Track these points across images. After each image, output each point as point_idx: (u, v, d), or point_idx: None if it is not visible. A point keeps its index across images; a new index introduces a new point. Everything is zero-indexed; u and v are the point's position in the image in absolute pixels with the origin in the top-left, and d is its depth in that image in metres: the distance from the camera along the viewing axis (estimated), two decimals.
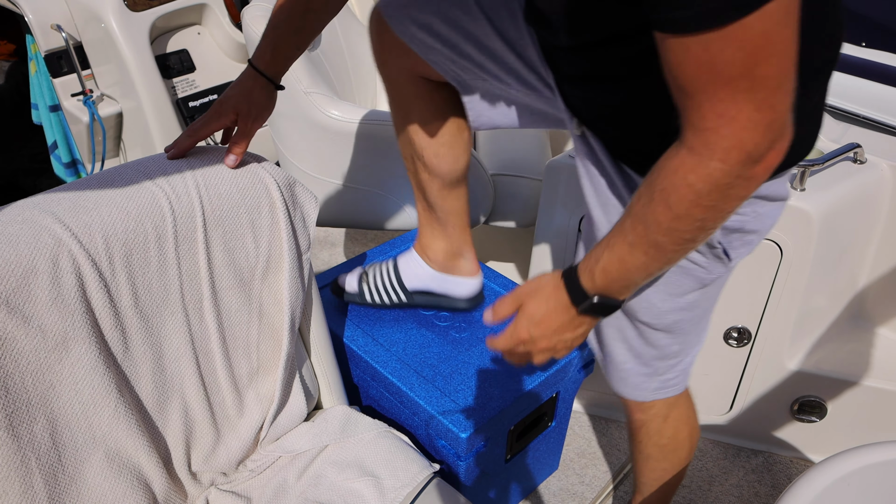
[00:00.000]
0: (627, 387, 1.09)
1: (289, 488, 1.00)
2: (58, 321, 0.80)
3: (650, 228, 0.69)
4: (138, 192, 0.88)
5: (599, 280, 0.75)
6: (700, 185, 0.64)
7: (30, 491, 0.80)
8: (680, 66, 0.60)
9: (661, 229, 0.68)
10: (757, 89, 0.59)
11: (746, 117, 0.60)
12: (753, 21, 0.55)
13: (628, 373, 1.06)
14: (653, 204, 0.68)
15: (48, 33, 1.98)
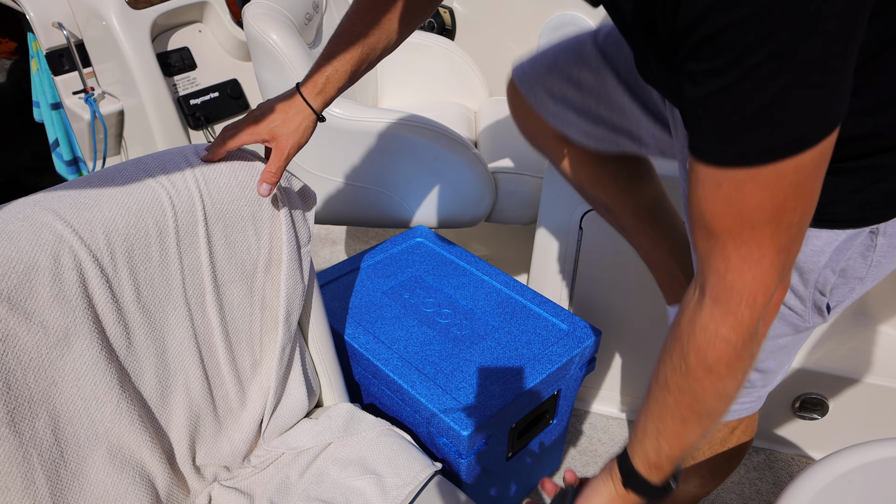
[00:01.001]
0: None
1: (291, 485, 1.01)
2: (60, 317, 0.80)
3: (698, 398, 0.66)
4: (139, 188, 0.88)
5: (669, 468, 0.72)
6: (735, 336, 0.62)
7: (32, 487, 0.80)
8: (709, 202, 0.59)
9: (709, 394, 0.65)
10: (780, 234, 0.58)
11: (769, 261, 0.59)
12: (788, 170, 0.55)
13: None
14: (691, 371, 0.65)
15: (49, 31, 1.98)
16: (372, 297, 1.39)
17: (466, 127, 2.01)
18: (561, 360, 1.25)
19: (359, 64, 0.98)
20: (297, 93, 0.95)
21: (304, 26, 1.69)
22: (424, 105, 2.08)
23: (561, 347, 1.28)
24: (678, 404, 0.67)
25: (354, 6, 0.97)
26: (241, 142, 0.94)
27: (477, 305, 1.37)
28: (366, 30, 0.96)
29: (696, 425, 0.68)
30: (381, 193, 1.67)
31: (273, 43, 1.50)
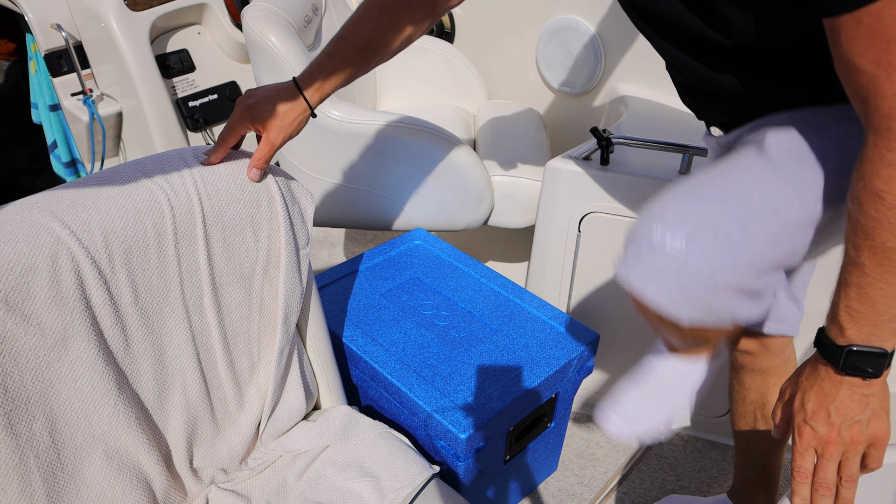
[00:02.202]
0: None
1: (289, 488, 1.00)
2: (57, 319, 0.80)
3: (872, 235, 0.64)
4: (137, 190, 0.88)
5: (848, 324, 0.68)
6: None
7: (28, 489, 0.80)
8: (853, 43, 0.62)
9: (884, 228, 0.64)
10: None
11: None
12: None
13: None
14: (864, 206, 0.64)
15: (48, 32, 1.98)
16: (370, 300, 1.39)
17: (465, 130, 2.01)
18: (559, 363, 1.25)
19: (358, 66, 0.99)
20: (294, 87, 0.96)
21: (303, 29, 1.69)
22: (423, 108, 2.09)
23: (559, 350, 1.28)
24: (857, 248, 0.65)
25: (361, 11, 0.98)
26: (237, 135, 0.95)
27: (475, 308, 1.37)
28: (370, 34, 0.98)
29: (878, 270, 0.65)
30: (379, 196, 1.67)
31: (272, 45, 1.50)
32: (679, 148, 1.39)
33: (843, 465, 0.70)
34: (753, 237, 0.79)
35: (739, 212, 0.79)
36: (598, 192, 1.43)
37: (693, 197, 0.82)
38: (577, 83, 2.05)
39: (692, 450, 1.63)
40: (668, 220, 0.81)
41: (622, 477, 1.57)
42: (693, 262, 0.79)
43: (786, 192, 0.79)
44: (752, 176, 0.81)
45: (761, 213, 0.79)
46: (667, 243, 0.79)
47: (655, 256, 0.81)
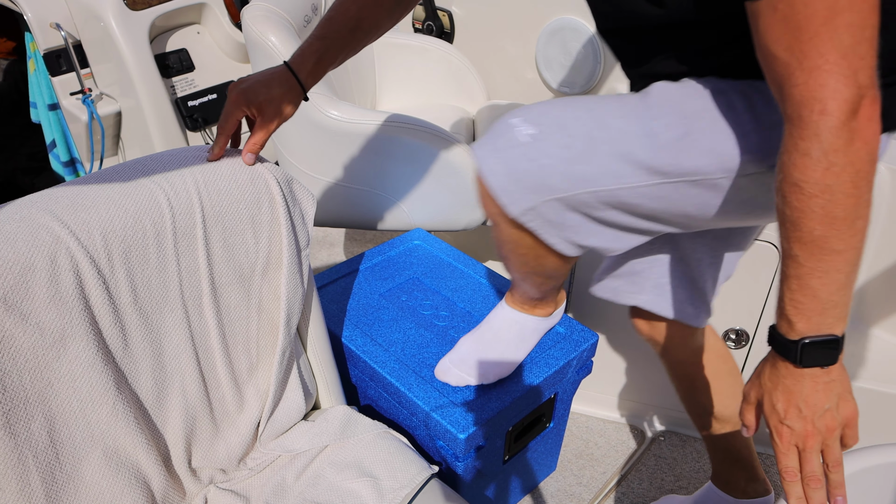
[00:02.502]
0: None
1: (287, 488, 1.00)
2: (56, 318, 0.80)
3: (799, 225, 0.66)
4: (136, 189, 0.88)
5: (796, 318, 0.69)
6: (814, 147, 0.63)
7: (27, 489, 0.80)
8: (769, 29, 0.63)
9: (808, 217, 0.65)
10: (840, 36, 0.61)
11: (833, 63, 0.61)
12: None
13: None
14: (787, 198, 0.65)
15: (47, 32, 1.97)
16: (369, 300, 1.39)
17: (465, 130, 2.01)
18: (558, 364, 1.25)
19: (349, 47, 1.00)
20: (287, 71, 0.97)
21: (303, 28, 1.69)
22: (423, 108, 2.09)
23: (558, 351, 1.28)
24: (788, 239, 0.67)
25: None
26: (234, 121, 0.95)
27: (474, 308, 1.37)
28: (358, 13, 0.98)
29: (811, 259, 0.66)
30: (378, 196, 1.67)
31: (272, 45, 1.50)
32: None
33: (826, 452, 0.71)
34: (594, 155, 0.83)
35: (592, 127, 0.83)
36: None
37: (562, 104, 0.87)
38: (576, 83, 2.05)
39: (691, 450, 1.63)
40: (529, 113, 0.86)
41: (621, 477, 1.57)
42: (532, 152, 0.84)
43: (643, 128, 0.82)
44: (622, 104, 0.84)
45: (611, 136, 0.82)
46: (517, 129, 0.85)
47: (503, 139, 0.86)
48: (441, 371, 1.19)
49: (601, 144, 0.83)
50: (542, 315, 1.23)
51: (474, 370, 1.18)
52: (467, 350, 1.20)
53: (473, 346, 1.20)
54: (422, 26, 2.31)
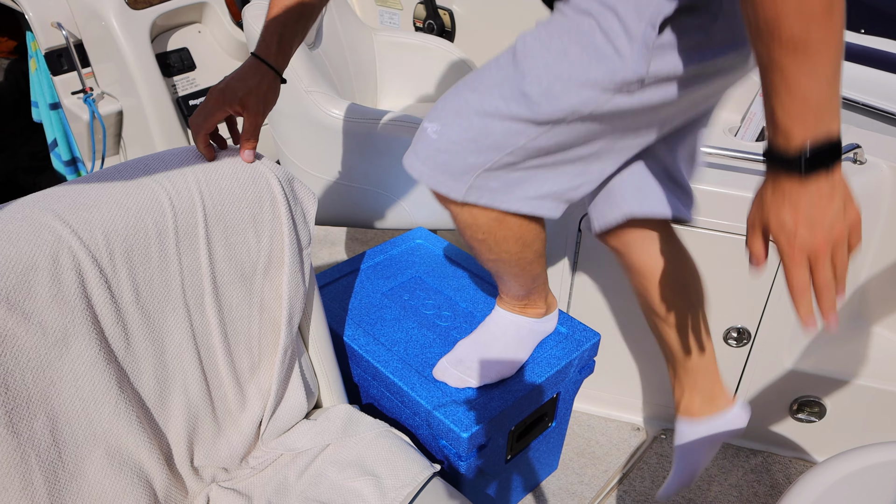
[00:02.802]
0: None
1: (289, 486, 1.00)
2: (58, 318, 0.80)
3: (778, 31, 0.65)
4: (138, 188, 0.88)
5: (792, 127, 0.68)
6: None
7: (29, 488, 0.80)
8: None
9: (785, 18, 0.64)
10: None
11: None
12: None
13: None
14: (759, 6, 0.65)
15: (48, 31, 1.97)
16: (371, 299, 1.39)
17: None
18: (560, 363, 1.25)
19: (305, 13, 1.01)
20: (255, 59, 0.99)
21: None
22: (424, 107, 2.08)
23: (560, 350, 1.28)
24: (766, 47, 0.67)
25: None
26: (214, 121, 0.96)
27: (477, 308, 1.37)
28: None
29: (791, 59, 0.66)
30: (380, 195, 1.67)
31: None
32: None
33: (836, 257, 0.71)
34: (491, 125, 0.90)
35: (480, 104, 0.91)
36: None
37: (454, 93, 0.95)
38: None
39: None
40: (433, 113, 0.96)
41: (622, 475, 1.57)
42: (443, 143, 0.94)
43: (516, 91, 0.88)
44: (497, 71, 0.91)
45: (496, 106, 0.89)
46: (427, 131, 0.95)
47: (421, 142, 0.97)
48: (439, 372, 1.20)
49: (492, 117, 0.90)
50: (535, 316, 1.25)
51: (473, 371, 1.18)
52: (465, 351, 1.20)
53: (471, 348, 1.21)
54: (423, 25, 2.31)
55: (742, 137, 1.51)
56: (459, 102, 0.93)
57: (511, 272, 1.11)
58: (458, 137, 0.93)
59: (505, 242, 1.03)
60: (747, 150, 1.41)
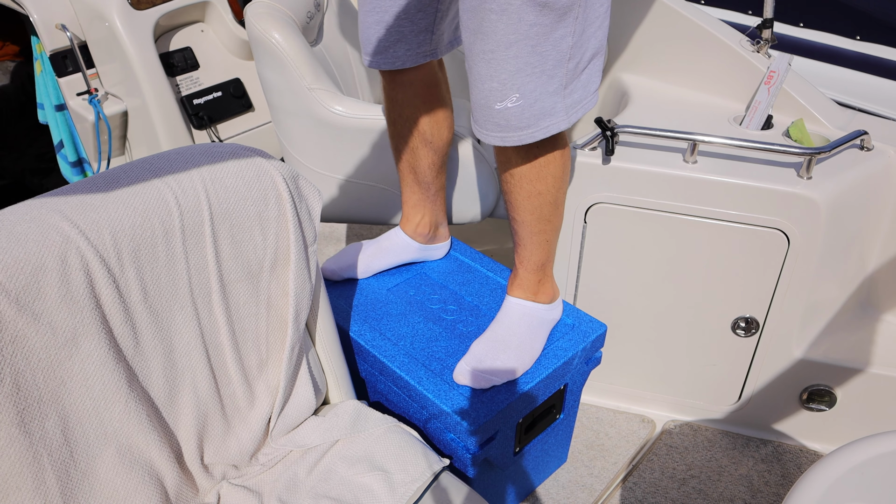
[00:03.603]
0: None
1: (300, 483, 1.01)
2: (67, 318, 0.80)
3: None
4: (144, 188, 0.88)
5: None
6: None
7: (42, 487, 0.81)
8: None
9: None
10: None
11: None
12: None
13: None
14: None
15: (53, 33, 1.98)
16: (377, 294, 1.39)
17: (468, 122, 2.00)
18: (567, 355, 1.25)
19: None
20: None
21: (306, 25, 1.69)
22: None
23: (567, 342, 1.28)
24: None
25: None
26: None
27: (482, 302, 1.37)
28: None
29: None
30: (385, 191, 1.67)
31: (275, 42, 1.50)
32: (684, 135, 1.38)
33: None
34: (544, 52, 1.00)
35: (522, 46, 0.99)
36: (604, 182, 1.42)
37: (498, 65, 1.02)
38: None
39: (702, 439, 1.63)
40: (498, 93, 1.03)
41: (632, 467, 1.57)
42: (528, 97, 1.03)
43: (531, 7, 0.95)
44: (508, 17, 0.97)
45: (536, 33, 0.98)
46: (509, 105, 1.03)
47: (510, 117, 1.05)
48: (461, 375, 1.18)
49: (539, 41, 0.98)
50: (545, 302, 1.27)
51: (495, 369, 1.18)
52: (482, 350, 1.20)
53: (489, 345, 1.21)
54: None
55: (747, 126, 1.50)
56: (509, 63, 0.99)
57: (544, 227, 1.20)
58: (534, 83, 1.00)
59: (564, 175, 1.15)
60: (753, 139, 1.41)
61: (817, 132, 1.46)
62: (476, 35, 0.99)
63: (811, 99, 1.49)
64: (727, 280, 1.43)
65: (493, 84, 1.01)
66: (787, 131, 1.47)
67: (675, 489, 1.51)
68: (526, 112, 1.03)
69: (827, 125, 1.47)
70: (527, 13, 0.94)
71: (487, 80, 1.01)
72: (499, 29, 0.96)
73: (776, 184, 1.32)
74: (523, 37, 0.97)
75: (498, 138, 1.07)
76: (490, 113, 1.04)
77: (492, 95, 1.02)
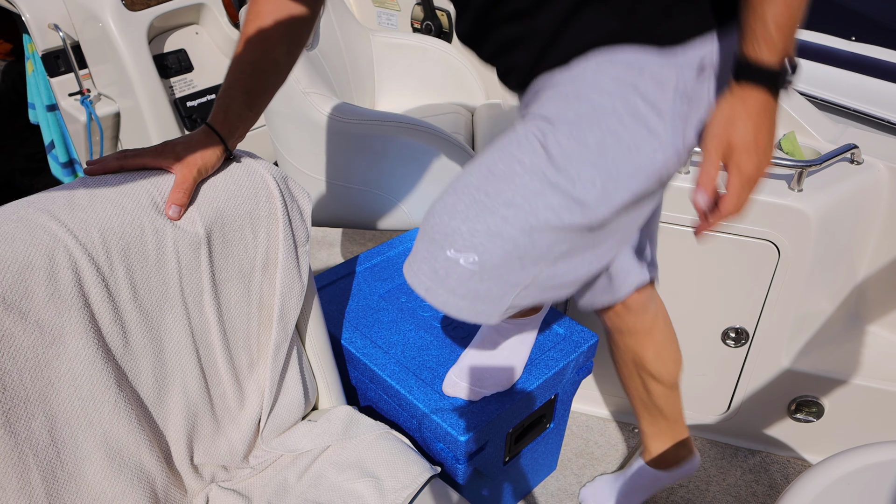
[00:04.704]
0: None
1: (289, 488, 1.00)
2: (55, 317, 0.80)
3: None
4: (134, 188, 0.87)
5: (780, 41, 0.71)
6: None
7: (27, 487, 0.80)
8: None
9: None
10: None
11: None
12: None
13: None
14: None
15: (45, 32, 1.97)
16: (369, 301, 1.39)
17: (464, 129, 2.01)
18: (558, 365, 1.25)
19: (256, 91, 0.96)
20: (205, 126, 0.94)
21: None
22: (422, 107, 2.09)
23: (558, 352, 1.28)
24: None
25: (239, 41, 0.97)
26: (140, 163, 0.89)
27: None
28: (251, 56, 0.95)
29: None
30: (377, 196, 1.67)
31: None
32: None
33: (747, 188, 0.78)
34: (539, 241, 0.84)
35: (523, 218, 0.83)
36: None
37: (478, 209, 0.85)
38: None
39: None
40: (457, 238, 0.85)
41: None
42: (485, 273, 0.85)
43: (567, 197, 0.82)
44: (533, 186, 0.82)
45: (545, 218, 0.83)
46: (459, 262, 0.85)
47: (453, 277, 0.86)
48: (450, 387, 1.17)
49: (540, 231, 0.83)
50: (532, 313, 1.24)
51: (484, 380, 1.17)
52: (471, 361, 1.18)
53: (477, 356, 1.18)
54: (420, 26, 2.31)
55: None
56: (495, 221, 0.83)
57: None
58: (500, 261, 0.84)
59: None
60: None
61: (808, 145, 1.47)
62: None
63: (803, 112, 1.51)
64: (718, 290, 1.44)
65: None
66: (778, 144, 1.48)
67: (663, 499, 1.51)
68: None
69: (818, 138, 1.48)
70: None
71: None
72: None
73: (767, 196, 1.33)
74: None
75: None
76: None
77: None
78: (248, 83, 0.95)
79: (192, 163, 0.89)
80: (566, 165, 0.81)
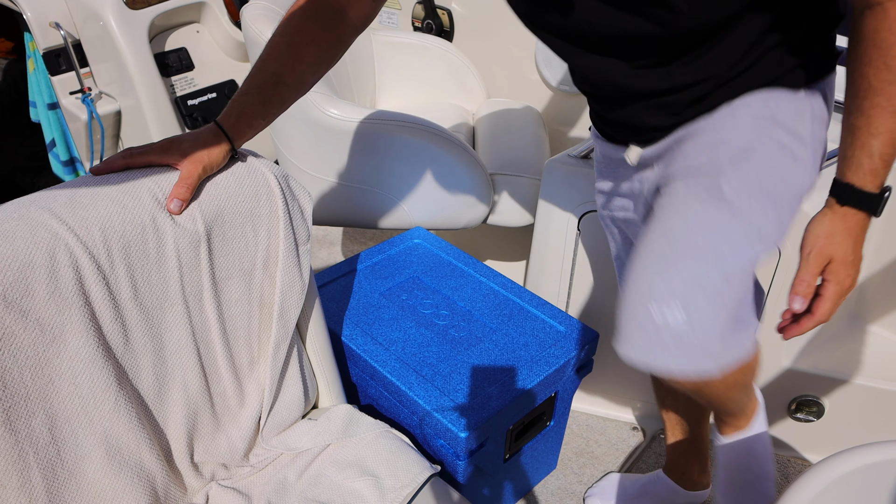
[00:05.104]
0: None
1: (289, 486, 1.00)
2: (56, 315, 0.80)
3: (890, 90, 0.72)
4: (135, 187, 0.88)
5: (884, 171, 0.76)
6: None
7: (27, 485, 0.80)
8: None
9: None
10: None
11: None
12: None
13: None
14: (891, 67, 0.71)
15: (47, 31, 1.97)
16: (370, 299, 1.39)
17: (465, 128, 2.01)
18: (558, 362, 1.25)
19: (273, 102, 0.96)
20: (214, 125, 0.94)
21: None
22: (422, 106, 2.08)
23: (558, 349, 1.28)
24: (889, 99, 0.73)
25: (268, 47, 0.96)
26: (146, 160, 0.90)
27: (475, 307, 1.37)
28: (280, 69, 0.95)
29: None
30: (378, 195, 1.67)
31: None
32: None
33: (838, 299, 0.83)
34: (735, 281, 0.86)
35: (716, 264, 0.85)
36: None
37: (669, 266, 0.87)
38: None
39: None
40: (659, 296, 0.85)
41: None
42: (700, 326, 0.85)
43: (756, 238, 0.86)
44: (713, 227, 0.86)
45: (735, 259, 0.86)
46: (669, 319, 0.85)
47: (663, 335, 0.86)
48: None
49: (738, 275, 0.86)
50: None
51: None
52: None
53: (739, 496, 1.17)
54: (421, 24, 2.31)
55: None
56: (695, 277, 0.85)
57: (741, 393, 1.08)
58: (714, 314, 0.85)
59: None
60: None
61: None
62: None
63: None
64: None
65: None
66: None
67: None
68: None
69: None
70: None
71: None
72: None
73: None
74: None
75: None
76: None
77: None
78: (268, 94, 0.96)
79: (199, 159, 0.90)
80: (746, 207, 0.85)
